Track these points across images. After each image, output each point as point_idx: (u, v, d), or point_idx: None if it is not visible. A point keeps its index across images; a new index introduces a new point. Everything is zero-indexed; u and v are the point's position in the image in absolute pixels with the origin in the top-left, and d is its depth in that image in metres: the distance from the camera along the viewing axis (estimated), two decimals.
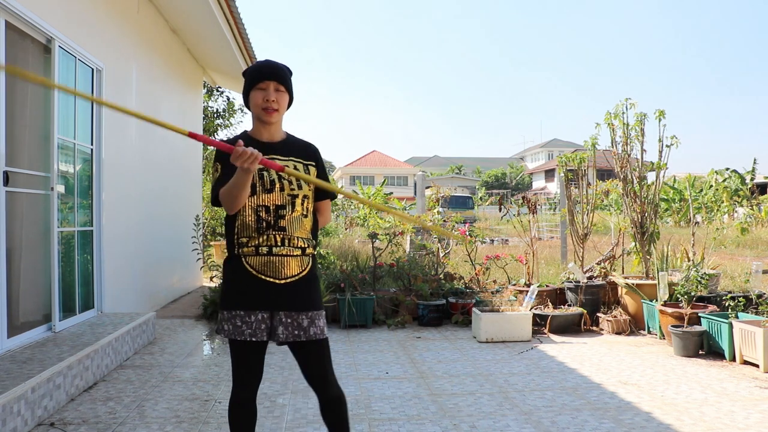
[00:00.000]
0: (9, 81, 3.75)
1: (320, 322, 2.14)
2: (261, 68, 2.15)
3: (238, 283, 2.11)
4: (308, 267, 2.16)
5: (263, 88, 2.13)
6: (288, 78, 2.19)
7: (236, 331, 2.09)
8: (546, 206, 26.63)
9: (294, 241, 2.12)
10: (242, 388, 2.16)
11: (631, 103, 6.27)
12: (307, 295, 2.13)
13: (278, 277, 2.09)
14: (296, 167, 2.16)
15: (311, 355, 2.14)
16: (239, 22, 6.68)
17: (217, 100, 13.44)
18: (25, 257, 4.02)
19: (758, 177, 28.41)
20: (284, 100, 2.17)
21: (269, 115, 2.13)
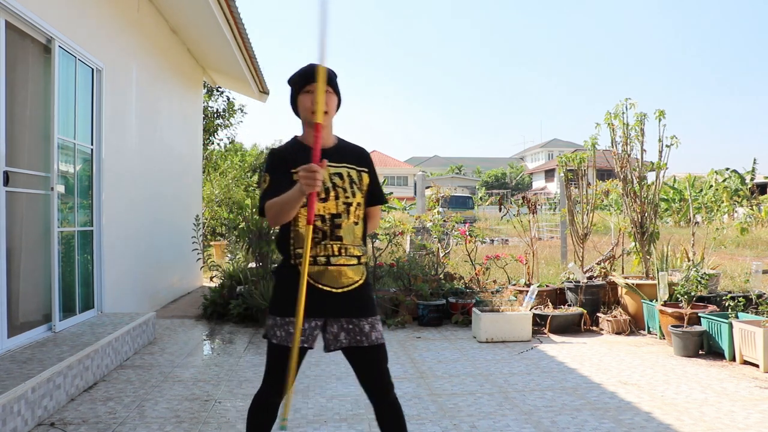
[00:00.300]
0: (9, 81, 3.75)
1: (379, 327, 2.15)
2: (307, 71, 2.11)
3: (292, 291, 2.06)
4: (364, 275, 2.17)
5: (310, 90, 2.08)
6: (334, 81, 2.15)
7: (288, 338, 2.07)
8: (546, 206, 26.63)
9: (350, 250, 2.10)
10: (274, 392, 2.13)
11: (631, 103, 6.27)
12: (366, 301, 2.14)
13: (335, 287, 2.08)
14: (349, 174, 2.13)
15: (373, 360, 2.13)
16: (239, 22, 6.67)
17: (217, 100, 13.46)
18: (25, 257, 4.02)
19: (758, 177, 28.42)
20: (333, 102, 2.12)
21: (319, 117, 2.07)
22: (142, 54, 6.22)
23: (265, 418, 2.16)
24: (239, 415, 3.34)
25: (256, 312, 5.93)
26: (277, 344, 2.10)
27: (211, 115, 13.29)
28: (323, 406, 3.51)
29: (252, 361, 4.54)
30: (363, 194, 2.16)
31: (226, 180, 13.80)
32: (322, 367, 4.39)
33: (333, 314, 2.10)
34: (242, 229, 6.59)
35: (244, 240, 6.61)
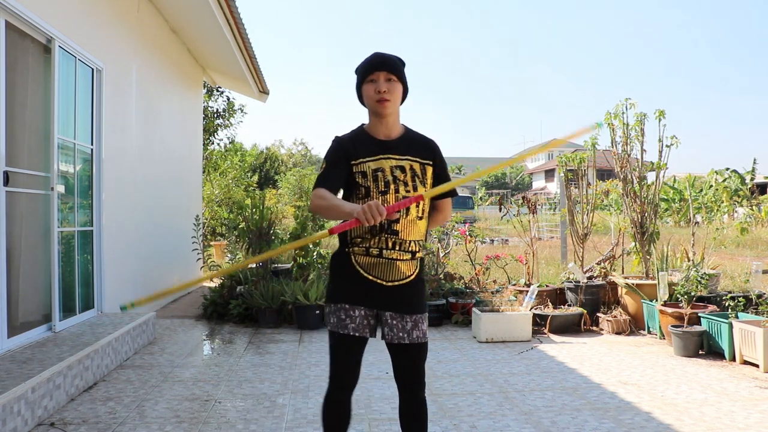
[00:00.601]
0: (9, 81, 3.75)
1: (423, 326, 2.11)
2: (370, 60, 2.08)
3: (345, 278, 2.09)
4: (416, 270, 2.13)
5: (374, 79, 2.05)
6: (400, 67, 2.10)
7: (340, 324, 2.06)
8: (546, 206, 26.64)
9: (406, 245, 2.06)
10: (340, 386, 2.11)
11: (631, 103, 6.27)
12: (413, 297, 2.10)
13: (386, 279, 2.06)
14: (412, 167, 2.09)
15: (411, 358, 2.11)
16: (239, 22, 6.67)
17: (217, 100, 13.46)
18: (25, 257, 4.02)
19: (758, 177, 28.41)
20: (397, 90, 2.07)
21: (383, 106, 2.04)
22: (142, 54, 6.22)
23: (337, 416, 2.12)
24: (239, 415, 3.34)
25: (256, 312, 5.93)
26: (332, 331, 2.10)
27: (211, 115, 13.29)
28: None
29: (252, 361, 4.54)
30: (427, 188, 2.10)
31: (226, 180, 13.80)
32: (322, 367, 4.39)
33: (382, 306, 2.08)
34: (242, 229, 6.60)
35: (244, 240, 6.62)
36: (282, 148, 48.37)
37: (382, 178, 2.05)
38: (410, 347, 2.09)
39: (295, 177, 16.75)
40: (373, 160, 2.06)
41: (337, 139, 2.12)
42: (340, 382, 2.11)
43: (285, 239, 6.79)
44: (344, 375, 2.11)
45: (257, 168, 30.01)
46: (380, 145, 2.08)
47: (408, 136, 2.14)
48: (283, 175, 22.65)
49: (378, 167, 2.05)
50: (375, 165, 2.05)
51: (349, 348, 2.08)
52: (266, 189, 19.00)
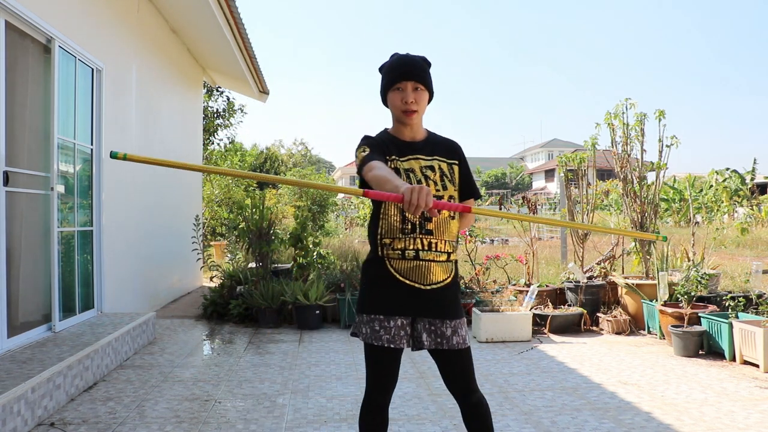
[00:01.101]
0: (9, 81, 3.75)
1: (462, 331, 2.07)
2: (397, 67, 2.04)
3: (380, 287, 2.04)
4: (452, 273, 2.09)
5: (401, 88, 2.03)
6: (426, 74, 2.07)
7: (374, 335, 2.02)
8: (546, 206, 26.63)
9: (441, 245, 2.03)
10: (378, 393, 2.09)
11: (631, 103, 6.27)
12: (450, 302, 2.06)
13: (423, 283, 2.01)
14: (440, 166, 2.09)
15: (453, 364, 2.07)
16: (239, 22, 6.68)
17: (217, 100, 13.46)
18: (25, 257, 4.02)
19: (758, 177, 28.41)
20: (423, 99, 2.07)
21: (409, 117, 2.04)
22: (142, 54, 6.22)
23: (375, 422, 2.11)
24: (239, 415, 3.34)
25: (256, 312, 5.93)
26: (366, 342, 2.06)
27: (211, 115, 13.30)
28: (323, 406, 3.51)
29: (252, 361, 4.54)
30: (455, 187, 2.11)
31: (226, 180, 13.80)
32: (322, 367, 4.39)
33: (418, 313, 2.03)
34: (242, 229, 6.59)
35: (244, 240, 6.62)
36: (282, 148, 48.37)
37: (414, 178, 2.04)
38: (451, 354, 2.05)
39: (295, 177, 16.74)
40: (403, 161, 2.06)
41: (369, 136, 2.11)
42: (378, 390, 2.09)
43: (285, 239, 6.79)
44: (382, 382, 2.09)
45: (257, 168, 30.00)
46: (408, 146, 2.09)
47: (432, 139, 2.15)
48: (283, 175, 22.68)
49: (409, 167, 2.05)
50: (406, 165, 2.05)
51: (384, 358, 2.06)
52: (266, 189, 19.00)
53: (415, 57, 2.09)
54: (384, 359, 2.06)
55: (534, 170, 60.94)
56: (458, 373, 2.08)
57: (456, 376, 2.08)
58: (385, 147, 2.05)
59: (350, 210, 20.26)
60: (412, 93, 2.02)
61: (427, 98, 2.10)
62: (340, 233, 14.77)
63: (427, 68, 2.10)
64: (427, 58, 2.13)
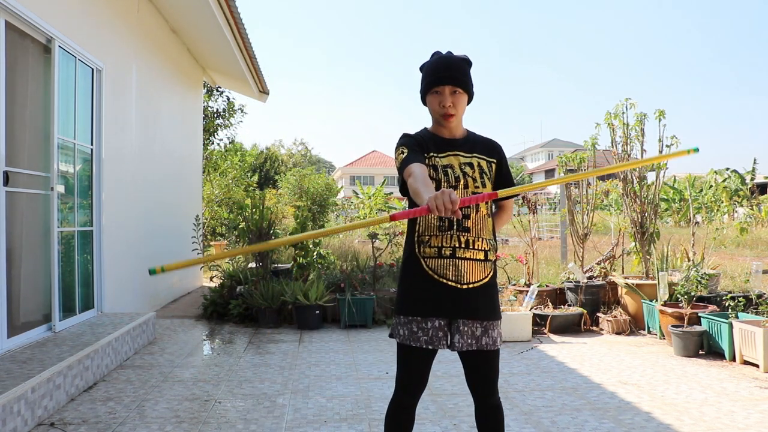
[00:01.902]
0: (9, 81, 3.75)
1: (494, 333, 2.03)
2: (436, 71, 2.03)
3: (417, 288, 2.03)
4: (490, 273, 2.05)
5: (438, 92, 2.03)
6: (464, 78, 2.05)
7: (412, 337, 2.01)
8: (546, 206, 26.63)
9: (478, 243, 2.01)
10: (408, 393, 2.09)
11: (631, 103, 6.27)
12: (485, 302, 2.02)
13: (460, 282, 1.99)
14: (479, 164, 2.07)
15: (480, 365, 2.05)
16: (239, 22, 6.67)
17: (217, 100, 13.46)
18: (25, 257, 4.02)
19: (758, 177, 28.41)
20: (462, 102, 2.05)
21: (447, 120, 2.05)
22: (142, 54, 6.22)
23: (402, 420, 2.11)
24: (239, 415, 3.34)
25: (256, 312, 5.93)
26: (402, 343, 2.05)
27: (211, 115, 13.30)
28: (323, 406, 3.51)
29: (252, 361, 4.54)
30: (493, 185, 2.10)
31: (226, 180, 13.81)
32: (322, 367, 4.39)
33: (455, 314, 2.00)
34: (242, 229, 6.60)
35: (244, 240, 6.62)
36: (282, 148, 48.38)
37: (452, 173, 2.03)
38: (479, 355, 2.02)
39: (295, 177, 16.74)
40: (442, 156, 2.06)
41: (408, 134, 2.11)
42: (409, 390, 2.09)
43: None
44: (415, 383, 2.08)
45: (257, 168, 30.01)
46: (447, 143, 2.08)
47: (471, 137, 2.15)
48: (283, 175, 22.67)
49: (447, 163, 2.05)
50: (445, 161, 2.05)
51: (421, 359, 2.05)
52: (266, 189, 19.00)
53: (454, 59, 2.06)
54: (420, 361, 2.05)
55: (534, 170, 60.94)
56: (482, 376, 2.06)
57: (480, 378, 2.06)
58: (423, 144, 2.06)
59: (350, 210, 20.27)
60: (450, 97, 2.02)
61: (466, 100, 2.08)
62: (340, 233, 14.76)
63: (466, 70, 2.07)
64: (467, 58, 2.10)
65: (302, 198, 15.03)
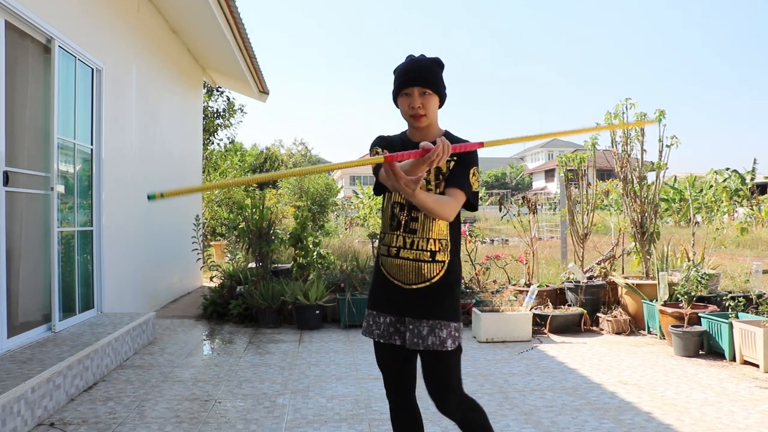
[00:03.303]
0: (9, 81, 3.75)
1: (442, 333, 1.97)
2: (406, 72, 2.02)
3: (375, 283, 2.12)
4: (438, 274, 2.01)
5: (408, 93, 2.02)
6: (433, 79, 2.02)
7: (368, 329, 2.10)
8: (546, 206, 26.63)
9: (423, 243, 1.99)
10: (390, 393, 2.14)
11: (631, 103, 6.27)
12: (432, 302, 1.99)
13: (404, 282, 2.01)
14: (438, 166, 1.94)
15: (427, 366, 2.03)
16: (239, 22, 6.67)
17: (217, 100, 13.46)
18: (25, 257, 4.02)
19: (758, 177, 28.42)
20: (431, 103, 2.02)
21: (417, 121, 2.02)
22: (142, 54, 6.22)
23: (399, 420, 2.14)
24: (239, 415, 3.34)
25: (256, 312, 5.93)
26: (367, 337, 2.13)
27: (211, 115, 13.30)
28: (323, 406, 3.51)
29: (252, 361, 4.54)
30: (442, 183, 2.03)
31: (226, 180, 13.80)
32: (322, 367, 4.39)
33: (401, 312, 2.03)
34: (242, 229, 6.59)
35: (244, 240, 6.62)
36: (282, 148, 48.38)
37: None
38: (427, 355, 2.00)
39: (295, 177, 16.75)
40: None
41: (381, 135, 2.14)
42: (390, 389, 2.14)
43: (285, 239, 6.79)
44: (391, 382, 2.13)
45: (257, 168, 30.01)
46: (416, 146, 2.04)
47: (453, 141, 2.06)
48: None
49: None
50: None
51: (381, 354, 2.11)
52: (266, 189, 19.00)
53: (423, 61, 2.05)
54: (384, 357, 2.11)
55: (534, 170, 60.96)
56: (430, 378, 2.03)
57: (428, 380, 2.04)
58: (394, 146, 2.07)
59: (350, 210, 20.26)
60: (419, 98, 2.00)
61: (437, 102, 2.06)
62: (340, 233, 14.77)
63: (436, 71, 2.05)
64: (439, 60, 2.08)
65: (302, 198, 15.03)
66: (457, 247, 2.07)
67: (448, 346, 1.99)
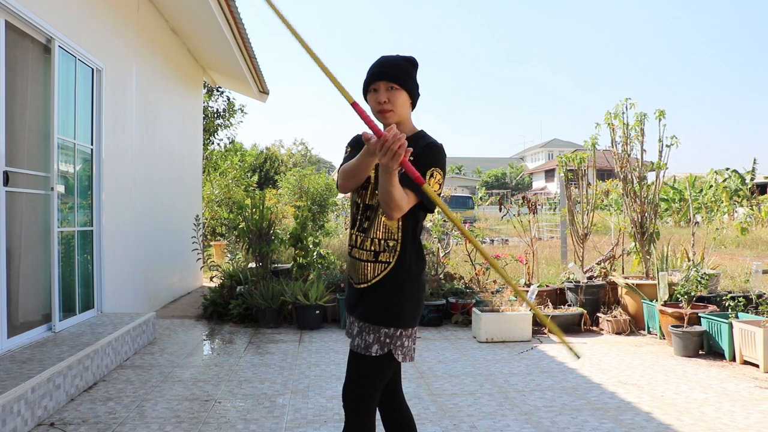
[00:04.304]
0: (9, 81, 3.75)
1: (369, 337, 1.90)
2: (372, 69, 2.00)
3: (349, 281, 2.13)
4: (379, 275, 1.94)
5: (375, 89, 1.99)
6: (400, 74, 1.97)
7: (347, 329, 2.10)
8: (546, 206, 26.63)
9: (367, 243, 1.97)
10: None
11: (631, 103, 6.27)
12: (369, 304, 1.94)
13: (355, 281, 2.02)
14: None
15: (347, 366, 1.99)
16: (239, 22, 6.67)
17: (217, 100, 13.47)
18: (25, 257, 4.02)
19: (758, 177, 28.42)
20: (399, 99, 1.97)
21: (384, 116, 1.98)
22: (142, 54, 6.22)
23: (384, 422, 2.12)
24: (239, 415, 3.34)
25: (256, 312, 5.93)
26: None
27: (211, 115, 13.30)
28: (323, 406, 3.51)
29: (252, 361, 4.54)
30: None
31: (226, 180, 13.80)
32: (322, 367, 4.39)
33: (350, 311, 2.05)
34: (242, 229, 6.59)
35: (244, 240, 6.62)
36: (282, 148, 48.37)
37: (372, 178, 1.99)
38: (350, 354, 1.97)
39: (295, 177, 16.73)
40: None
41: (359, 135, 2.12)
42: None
43: (285, 239, 6.79)
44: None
45: (257, 168, 29.99)
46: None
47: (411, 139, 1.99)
48: (283, 175, 22.66)
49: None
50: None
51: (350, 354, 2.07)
52: (266, 189, 18.99)
53: (392, 57, 2.02)
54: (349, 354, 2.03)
55: (534, 170, 60.94)
56: (347, 377, 1.97)
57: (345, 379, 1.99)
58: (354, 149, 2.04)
59: (350, 210, 20.26)
60: (385, 93, 1.97)
61: (406, 98, 2.00)
62: (340, 233, 14.77)
63: (405, 67, 2.01)
64: (411, 58, 2.05)
65: (302, 198, 15.02)
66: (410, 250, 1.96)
67: (372, 352, 1.89)
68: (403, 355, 1.94)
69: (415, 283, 1.98)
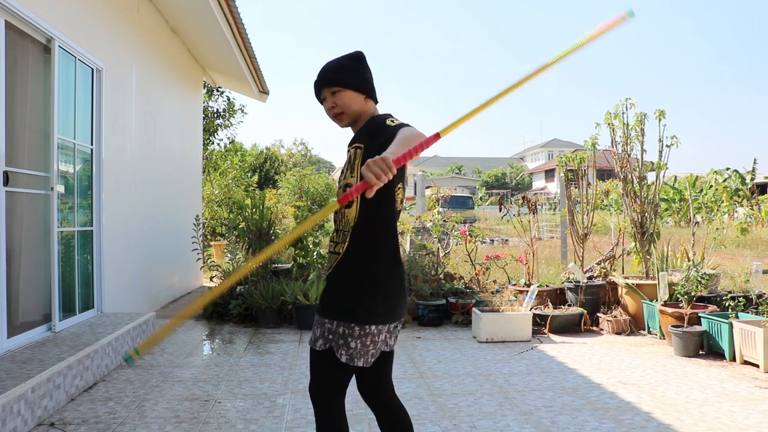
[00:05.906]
0: (9, 81, 3.75)
1: (317, 330, 1.90)
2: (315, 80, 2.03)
3: None
4: (333, 266, 1.92)
5: (323, 98, 2.03)
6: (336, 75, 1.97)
7: None
8: (546, 206, 26.63)
9: (334, 235, 1.95)
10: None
11: (631, 103, 6.27)
12: (321, 295, 1.96)
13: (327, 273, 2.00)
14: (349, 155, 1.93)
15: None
16: (239, 22, 6.67)
17: (217, 100, 13.47)
18: (25, 257, 4.02)
19: (758, 177, 28.42)
20: (345, 97, 1.96)
21: (339, 120, 2.01)
22: (142, 54, 6.22)
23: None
24: (239, 415, 3.34)
25: (256, 312, 5.93)
26: None
27: (211, 115, 13.31)
28: None
29: (252, 361, 4.54)
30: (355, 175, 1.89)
31: (226, 180, 13.81)
32: None
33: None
34: (242, 229, 6.60)
35: (244, 240, 6.62)
36: (282, 148, 48.38)
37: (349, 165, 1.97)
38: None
39: (295, 177, 16.74)
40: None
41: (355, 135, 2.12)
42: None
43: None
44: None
45: (257, 168, 29.99)
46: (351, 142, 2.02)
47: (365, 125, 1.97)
48: (283, 175, 22.67)
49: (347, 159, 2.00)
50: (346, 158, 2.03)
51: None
52: (266, 189, 18.99)
53: (330, 62, 2.03)
54: None
55: (534, 170, 60.95)
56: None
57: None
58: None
59: None
60: (330, 98, 1.99)
61: (353, 95, 1.96)
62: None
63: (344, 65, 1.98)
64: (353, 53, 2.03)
65: (302, 198, 15.02)
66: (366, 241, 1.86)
67: (317, 346, 1.87)
68: (349, 357, 1.82)
69: (375, 277, 1.85)
